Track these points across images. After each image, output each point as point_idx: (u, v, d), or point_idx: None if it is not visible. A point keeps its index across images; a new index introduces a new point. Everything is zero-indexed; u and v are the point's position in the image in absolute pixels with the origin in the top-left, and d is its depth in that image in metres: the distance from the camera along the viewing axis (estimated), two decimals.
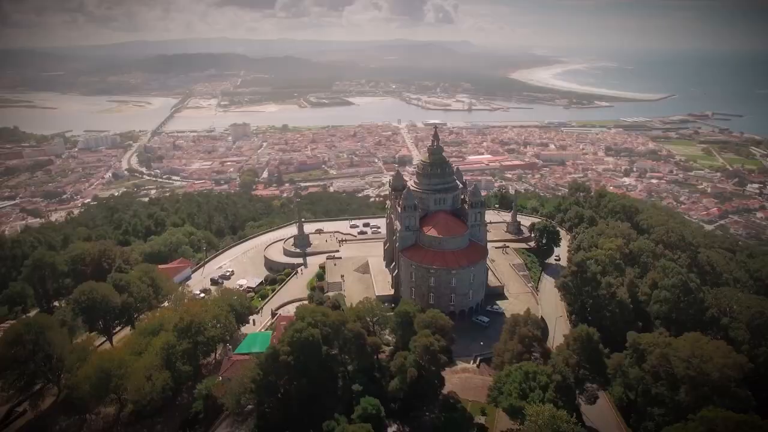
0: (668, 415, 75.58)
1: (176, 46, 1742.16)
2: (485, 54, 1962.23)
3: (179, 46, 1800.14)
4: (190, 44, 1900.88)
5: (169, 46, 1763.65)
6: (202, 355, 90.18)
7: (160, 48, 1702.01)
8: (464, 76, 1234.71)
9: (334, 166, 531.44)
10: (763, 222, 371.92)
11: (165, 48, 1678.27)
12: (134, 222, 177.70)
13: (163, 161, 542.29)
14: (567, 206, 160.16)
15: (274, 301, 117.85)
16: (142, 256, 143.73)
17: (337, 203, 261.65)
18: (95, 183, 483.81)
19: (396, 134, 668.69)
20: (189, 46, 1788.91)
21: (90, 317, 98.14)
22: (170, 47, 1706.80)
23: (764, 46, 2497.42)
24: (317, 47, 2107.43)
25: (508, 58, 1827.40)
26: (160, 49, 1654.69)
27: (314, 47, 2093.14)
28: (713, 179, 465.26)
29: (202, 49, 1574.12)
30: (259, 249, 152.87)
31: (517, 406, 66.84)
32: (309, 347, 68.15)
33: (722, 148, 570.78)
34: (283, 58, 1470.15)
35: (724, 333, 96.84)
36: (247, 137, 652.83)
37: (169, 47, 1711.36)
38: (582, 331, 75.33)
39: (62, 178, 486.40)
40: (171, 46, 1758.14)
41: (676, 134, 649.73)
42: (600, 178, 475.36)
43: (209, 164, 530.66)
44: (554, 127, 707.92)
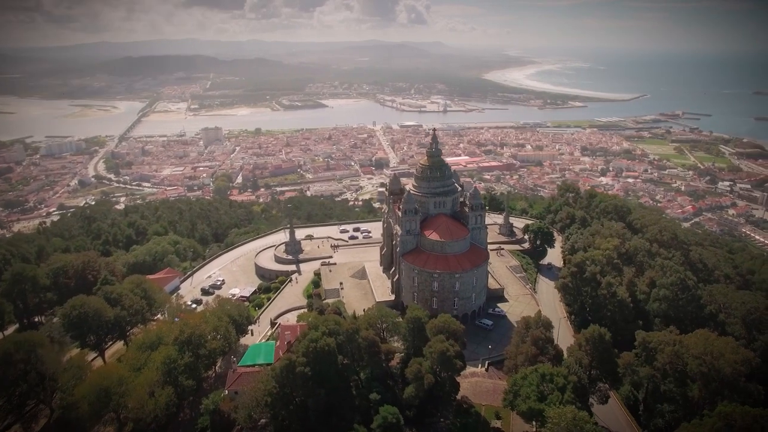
0: (678, 411, 77.81)
1: (142, 48, 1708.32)
2: (458, 55, 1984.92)
3: (145, 47, 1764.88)
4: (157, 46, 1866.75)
5: (135, 48, 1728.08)
6: (204, 368, 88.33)
7: (124, 50, 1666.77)
8: (438, 77, 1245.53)
9: (310, 169, 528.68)
10: (734, 218, 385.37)
11: (130, 50, 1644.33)
12: (114, 231, 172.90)
13: (132, 167, 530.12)
14: (557, 207, 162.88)
15: (271, 310, 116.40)
16: (126, 267, 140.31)
17: (322, 208, 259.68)
18: (60, 191, 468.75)
19: (372, 136, 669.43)
20: (155, 47, 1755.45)
21: (81, 332, 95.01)
22: (136, 49, 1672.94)
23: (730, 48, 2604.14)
24: (288, 49, 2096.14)
25: (481, 58, 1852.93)
26: (125, 50, 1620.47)
27: (285, 49, 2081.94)
28: (686, 177, 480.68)
29: (170, 51, 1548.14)
30: (248, 257, 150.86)
31: (536, 409, 67.56)
32: (325, 357, 67.56)
33: (693, 147, 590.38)
34: (253, 60, 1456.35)
35: (722, 329, 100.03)
36: (219, 141, 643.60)
37: (135, 49, 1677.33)
38: (594, 332, 76.79)
39: (24, 186, 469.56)
40: (136, 48, 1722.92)
41: (648, 133, 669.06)
42: (577, 178, 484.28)
43: (181, 170, 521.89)
44: (530, 128, 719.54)
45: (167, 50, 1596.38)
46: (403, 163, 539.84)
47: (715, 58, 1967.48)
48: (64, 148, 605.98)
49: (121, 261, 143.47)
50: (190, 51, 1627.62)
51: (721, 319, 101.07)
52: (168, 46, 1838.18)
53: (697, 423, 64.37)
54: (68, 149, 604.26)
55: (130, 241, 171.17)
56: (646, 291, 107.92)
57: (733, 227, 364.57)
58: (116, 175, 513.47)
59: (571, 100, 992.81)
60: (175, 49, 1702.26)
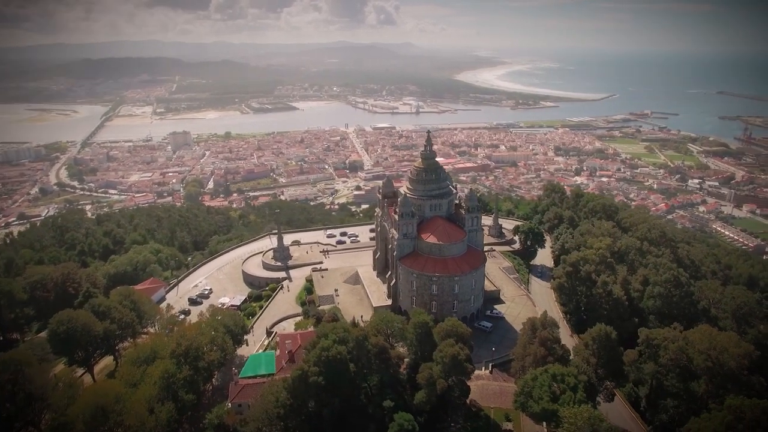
0: (681, 406, 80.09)
1: (102, 50, 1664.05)
2: (429, 56, 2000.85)
3: (105, 49, 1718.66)
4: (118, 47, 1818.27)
5: (94, 50, 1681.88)
6: (203, 381, 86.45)
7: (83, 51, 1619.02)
8: (410, 79, 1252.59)
9: (283, 173, 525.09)
10: (705, 215, 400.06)
11: (89, 51, 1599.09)
12: (89, 241, 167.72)
13: (97, 174, 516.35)
14: (544, 208, 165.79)
15: (264, 319, 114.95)
16: (106, 278, 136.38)
17: (304, 213, 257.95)
18: (19, 200, 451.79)
19: (345, 139, 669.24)
20: (116, 49, 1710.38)
21: (68, 349, 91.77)
22: (95, 50, 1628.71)
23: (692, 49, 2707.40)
24: (255, 50, 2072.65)
25: (452, 59, 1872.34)
26: (83, 52, 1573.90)
27: (252, 51, 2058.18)
28: (657, 176, 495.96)
29: (132, 53, 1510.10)
30: (234, 264, 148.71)
31: (550, 410, 68.48)
32: (337, 365, 67.05)
33: (663, 146, 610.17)
34: (220, 62, 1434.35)
35: (714, 324, 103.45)
36: (188, 146, 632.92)
37: (94, 50, 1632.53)
38: (601, 331, 78.47)
39: None
40: (96, 50, 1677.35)
41: (619, 133, 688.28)
42: (552, 177, 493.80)
43: (149, 176, 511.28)
44: (503, 128, 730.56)
45: (129, 52, 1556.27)
46: (377, 165, 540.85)
47: (679, 58, 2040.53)
48: (22, 154, 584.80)
49: (100, 272, 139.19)
50: (153, 53, 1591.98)
51: (714, 314, 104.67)
52: (130, 48, 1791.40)
53: (708, 417, 66.39)
54: (26, 156, 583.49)
55: (108, 251, 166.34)
56: (640, 289, 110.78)
57: (704, 224, 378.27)
58: (80, 183, 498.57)
59: (542, 100, 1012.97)
60: (138, 50, 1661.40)
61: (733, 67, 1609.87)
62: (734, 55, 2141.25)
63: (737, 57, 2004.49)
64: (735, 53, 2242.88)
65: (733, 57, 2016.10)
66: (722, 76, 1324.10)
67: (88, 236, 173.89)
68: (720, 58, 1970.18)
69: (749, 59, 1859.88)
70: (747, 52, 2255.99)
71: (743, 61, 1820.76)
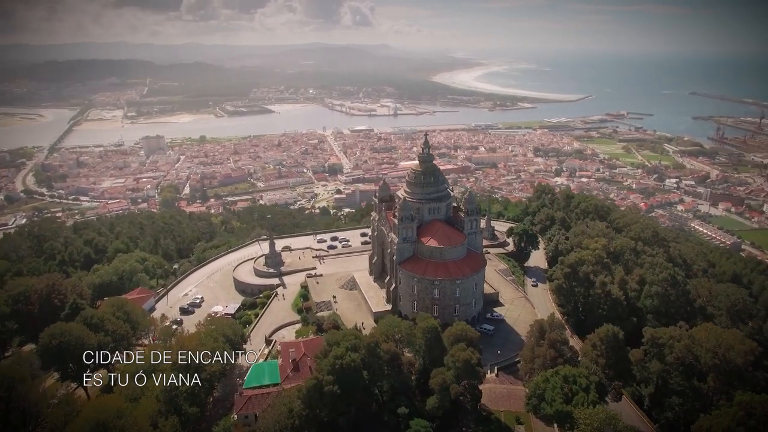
0: (687, 404, 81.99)
1: (68, 51, 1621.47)
2: (405, 57, 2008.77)
3: (71, 51, 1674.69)
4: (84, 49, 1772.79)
5: (59, 51, 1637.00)
6: (206, 393, 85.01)
7: (47, 53, 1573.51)
8: (386, 80, 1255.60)
9: (261, 178, 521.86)
10: (683, 214, 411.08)
11: (54, 53, 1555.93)
12: (70, 251, 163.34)
13: (66, 180, 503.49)
14: (535, 209, 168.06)
15: (261, 327, 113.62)
16: (91, 289, 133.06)
17: (290, 218, 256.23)
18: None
19: (323, 142, 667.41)
20: (83, 51, 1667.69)
21: (62, 363, 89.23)
22: (60, 52, 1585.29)
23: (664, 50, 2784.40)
24: (229, 52, 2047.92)
25: (428, 61, 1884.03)
26: (47, 54, 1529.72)
27: (225, 52, 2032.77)
28: (636, 176, 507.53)
29: (99, 55, 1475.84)
30: (224, 271, 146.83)
31: (565, 412, 69.37)
32: (352, 373, 66.82)
33: (640, 146, 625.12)
34: (192, 65, 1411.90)
35: (710, 321, 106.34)
36: (162, 150, 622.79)
37: (59, 52, 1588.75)
38: (608, 331, 79.92)
39: None
40: (61, 51, 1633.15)
41: (597, 133, 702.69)
42: (533, 179, 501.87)
43: (122, 182, 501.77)
44: (482, 130, 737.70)
45: (96, 54, 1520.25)
46: (357, 168, 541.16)
47: (652, 60, 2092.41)
48: None
49: (85, 282, 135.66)
50: (122, 55, 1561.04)
51: (710, 312, 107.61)
52: (97, 50, 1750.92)
53: (718, 413, 68.22)
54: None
55: (90, 260, 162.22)
56: (637, 288, 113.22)
57: (683, 222, 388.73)
58: (49, 189, 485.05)
59: (519, 101, 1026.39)
60: (106, 52, 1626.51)
61: (703, 68, 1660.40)
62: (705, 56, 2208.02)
63: (708, 58, 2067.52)
64: (705, 55, 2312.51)
65: (703, 58, 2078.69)
66: (694, 77, 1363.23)
67: (67, 245, 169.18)
68: (691, 60, 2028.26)
69: (719, 61, 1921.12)
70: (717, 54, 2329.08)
71: (713, 62, 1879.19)
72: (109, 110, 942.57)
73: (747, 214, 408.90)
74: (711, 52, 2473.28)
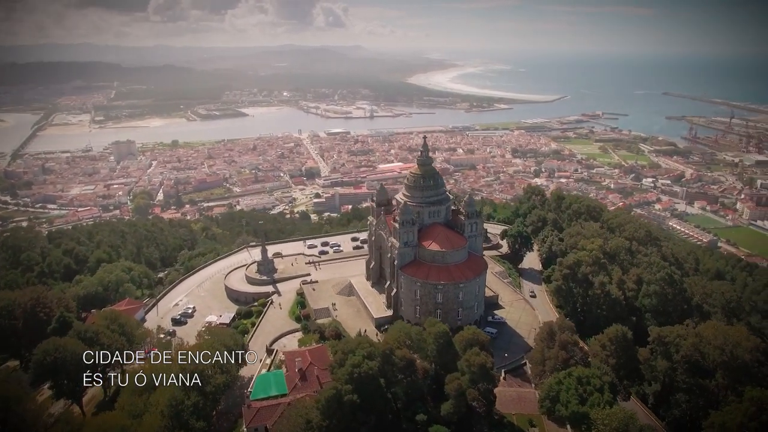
0: (693, 401, 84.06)
1: (29, 53, 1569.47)
2: (379, 59, 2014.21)
3: (33, 52, 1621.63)
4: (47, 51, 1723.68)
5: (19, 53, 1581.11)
6: (212, 406, 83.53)
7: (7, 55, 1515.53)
8: (362, 82, 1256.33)
9: (237, 182, 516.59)
10: (661, 213, 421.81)
11: (14, 54, 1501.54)
12: (48, 262, 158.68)
13: (32, 188, 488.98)
14: (526, 210, 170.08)
15: (259, 336, 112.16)
16: (75, 301, 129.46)
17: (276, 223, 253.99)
18: None
19: (299, 145, 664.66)
20: (45, 53, 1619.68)
21: (57, 380, 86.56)
22: (20, 54, 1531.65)
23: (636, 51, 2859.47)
24: (199, 54, 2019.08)
25: (403, 62, 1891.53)
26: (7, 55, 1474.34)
27: (196, 54, 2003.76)
28: (613, 176, 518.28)
29: (63, 57, 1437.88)
30: (214, 280, 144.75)
31: (581, 413, 70.37)
32: (370, 382, 66.58)
33: (616, 146, 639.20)
34: (162, 67, 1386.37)
35: (707, 318, 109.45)
36: (133, 156, 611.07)
37: (19, 54, 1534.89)
38: (618, 332, 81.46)
39: None
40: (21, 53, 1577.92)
41: (573, 134, 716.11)
42: (512, 180, 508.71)
43: (92, 188, 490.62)
44: (459, 131, 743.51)
45: (60, 56, 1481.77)
46: (335, 172, 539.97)
47: (624, 60, 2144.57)
48: None
49: (68, 294, 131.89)
50: (87, 57, 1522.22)
51: (706, 309, 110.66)
52: (60, 52, 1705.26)
53: (730, 409, 70.18)
54: None
55: (70, 271, 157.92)
56: (634, 288, 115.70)
57: (661, 221, 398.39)
58: (13, 197, 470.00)
59: (496, 102, 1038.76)
60: (70, 54, 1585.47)
61: (674, 69, 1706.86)
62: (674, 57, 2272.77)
63: (677, 59, 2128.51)
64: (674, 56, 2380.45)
65: (673, 59, 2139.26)
66: (665, 78, 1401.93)
67: (45, 256, 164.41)
68: (661, 61, 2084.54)
69: (689, 62, 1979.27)
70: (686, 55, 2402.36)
71: (683, 63, 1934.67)
72: (75, 114, 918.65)
73: (722, 212, 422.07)
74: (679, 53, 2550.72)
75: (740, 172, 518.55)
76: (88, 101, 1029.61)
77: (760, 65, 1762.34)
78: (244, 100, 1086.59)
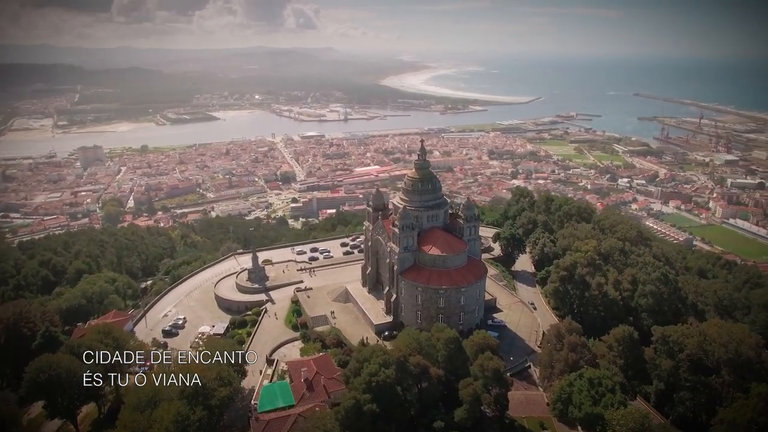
0: (696, 398, 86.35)
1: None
2: (352, 61, 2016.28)
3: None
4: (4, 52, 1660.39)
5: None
6: (217, 420, 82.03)
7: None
8: (335, 85, 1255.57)
9: (210, 188, 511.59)
10: (638, 213, 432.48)
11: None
12: (24, 274, 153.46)
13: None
14: (515, 213, 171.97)
15: (255, 346, 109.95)
16: (58, 314, 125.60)
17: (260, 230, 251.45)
18: None
19: (273, 149, 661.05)
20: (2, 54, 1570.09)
21: (51, 399, 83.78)
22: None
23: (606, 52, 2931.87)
24: (166, 57, 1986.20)
25: (375, 64, 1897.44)
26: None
27: (163, 57, 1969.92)
28: (589, 176, 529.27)
29: (20, 59, 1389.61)
30: (203, 289, 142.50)
31: (595, 414, 71.60)
32: (388, 390, 66.45)
33: (591, 147, 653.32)
34: (128, 70, 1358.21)
35: (701, 317, 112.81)
36: (100, 162, 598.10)
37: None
38: (624, 332, 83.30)
39: None
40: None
41: (549, 135, 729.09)
42: (490, 182, 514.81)
43: (58, 196, 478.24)
44: (435, 133, 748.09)
45: (17, 57, 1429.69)
46: (311, 176, 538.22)
47: (595, 62, 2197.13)
48: None
49: (50, 308, 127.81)
50: (47, 59, 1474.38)
51: (701, 308, 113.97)
52: (18, 53, 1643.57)
53: (738, 406, 72.39)
54: None
55: (48, 283, 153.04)
56: (629, 288, 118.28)
57: (638, 221, 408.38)
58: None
59: (471, 104, 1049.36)
60: (28, 56, 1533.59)
61: (645, 70, 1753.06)
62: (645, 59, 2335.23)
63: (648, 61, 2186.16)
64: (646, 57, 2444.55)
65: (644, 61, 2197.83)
66: (636, 79, 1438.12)
67: (20, 268, 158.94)
68: (632, 62, 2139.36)
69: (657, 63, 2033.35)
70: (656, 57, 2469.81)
71: (653, 64, 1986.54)
72: (37, 119, 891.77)
73: (695, 211, 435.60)
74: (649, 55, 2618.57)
75: (711, 172, 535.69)
76: (50, 105, 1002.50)
77: (726, 67, 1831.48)
78: (214, 104, 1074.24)
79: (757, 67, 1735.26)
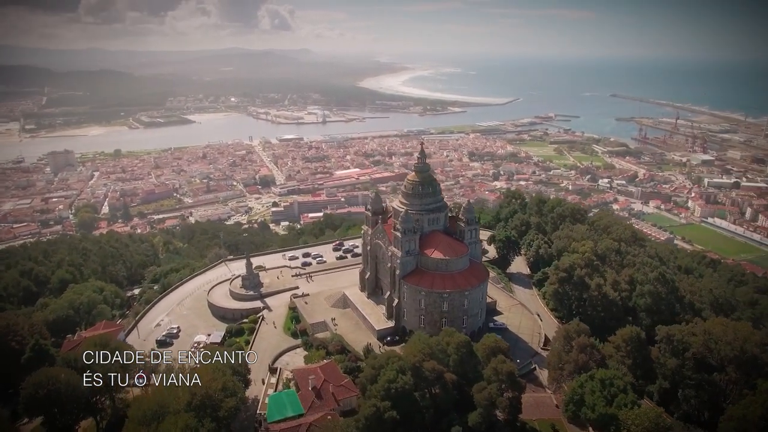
0: (701, 396, 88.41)
1: None
2: (328, 62, 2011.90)
3: None
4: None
5: None
6: None
7: None
8: (312, 87, 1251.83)
9: (188, 193, 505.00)
10: (620, 213, 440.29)
11: None
12: (4, 284, 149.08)
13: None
14: (508, 215, 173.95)
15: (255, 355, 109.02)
16: (45, 327, 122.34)
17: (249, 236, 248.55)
18: None
19: (251, 153, 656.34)
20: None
21: (50, 414, 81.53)
22: None
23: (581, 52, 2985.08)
24: (138, 59, 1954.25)
25: (352, 66, 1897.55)
26: None
27: (134, 59, 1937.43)
28: (570, 177, 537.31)
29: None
30: (195, 296, 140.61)
31: (609, 415, 72.67)
32: (406, 397, 66.46)
33: (570, 148, 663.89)
34: (97, 72, 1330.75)
35: (699, 315, 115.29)
36: (72, 167, 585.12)
37: None
38: (632, 332, 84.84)
39: None
40: None
41: (528, 136, 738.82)
42: (472, 183, 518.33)
43: (28, 203, 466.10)
44: (415, 135, 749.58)
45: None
46: (290, 179, 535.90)
47: (569, 63, 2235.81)
48: None
49: (35, 320, 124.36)
50: (10, 60, 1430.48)
51: (698, 306, 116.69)
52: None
53: (746, 403, 74.36)
54: None
55: (31, 294, 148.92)
56: (627, 288, 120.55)
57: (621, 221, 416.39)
58: None
59: (449, 105, 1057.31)
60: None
61: (620, 71, 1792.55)
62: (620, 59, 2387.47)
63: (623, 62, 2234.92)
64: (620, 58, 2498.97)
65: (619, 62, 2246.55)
66: (611, 80, 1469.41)
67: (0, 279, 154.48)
68: (607, 63, 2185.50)
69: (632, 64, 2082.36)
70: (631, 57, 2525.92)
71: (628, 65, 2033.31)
72: (2, 123, 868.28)
73: (675, 211, 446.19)
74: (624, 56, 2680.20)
75: (689, 172, 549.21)
76: (16, 108, 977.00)
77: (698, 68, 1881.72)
78: (189, 107, 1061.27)
79: (728, 68, 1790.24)
